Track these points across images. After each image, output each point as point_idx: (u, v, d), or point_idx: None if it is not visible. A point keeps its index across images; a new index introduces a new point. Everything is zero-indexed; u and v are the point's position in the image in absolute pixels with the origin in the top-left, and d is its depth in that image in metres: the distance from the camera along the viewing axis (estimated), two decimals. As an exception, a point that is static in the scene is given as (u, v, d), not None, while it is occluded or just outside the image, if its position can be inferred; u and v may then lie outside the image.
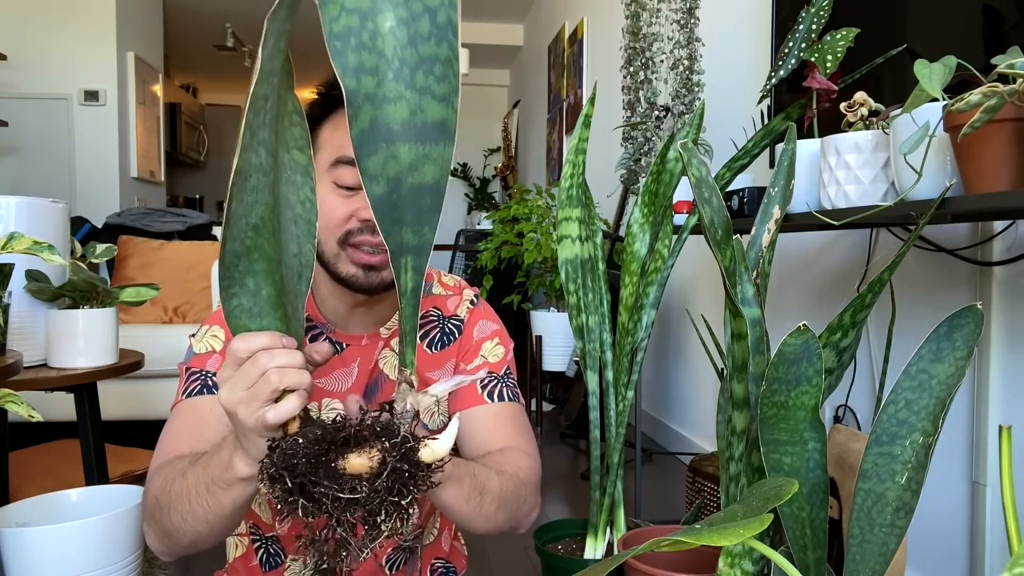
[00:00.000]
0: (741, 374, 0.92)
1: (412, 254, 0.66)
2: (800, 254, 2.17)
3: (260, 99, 0.61)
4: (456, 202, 7.97)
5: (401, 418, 0.66)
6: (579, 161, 1.59)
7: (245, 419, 0.67)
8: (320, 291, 1.05)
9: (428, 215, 0.66)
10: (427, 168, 0.65)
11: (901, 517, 0.73)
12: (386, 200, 0.65)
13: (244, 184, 0.61)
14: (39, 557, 1.23)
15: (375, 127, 0.63)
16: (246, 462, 0.72)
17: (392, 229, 0.65)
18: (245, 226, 0.63)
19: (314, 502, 0.61)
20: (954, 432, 1.57)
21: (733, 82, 2.60)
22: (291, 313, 0.70)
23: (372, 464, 0.61)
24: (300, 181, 0.70)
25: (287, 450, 0.62)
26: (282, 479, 0.61)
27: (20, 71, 4.81)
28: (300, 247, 0.71)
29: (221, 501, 0.76)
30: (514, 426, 1.04)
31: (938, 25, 1.42)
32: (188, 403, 0.98)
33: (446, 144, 0.65)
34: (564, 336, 3.63)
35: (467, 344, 1.09)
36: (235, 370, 0.67)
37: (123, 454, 2.27)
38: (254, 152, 0.62)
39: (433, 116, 0.65)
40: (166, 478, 0.85)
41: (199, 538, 0.82)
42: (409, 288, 0.66)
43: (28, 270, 1.59)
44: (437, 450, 0.64)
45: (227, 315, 0.66)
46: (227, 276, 0.64)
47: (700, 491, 2.05)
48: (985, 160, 0.95)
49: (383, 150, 0.64)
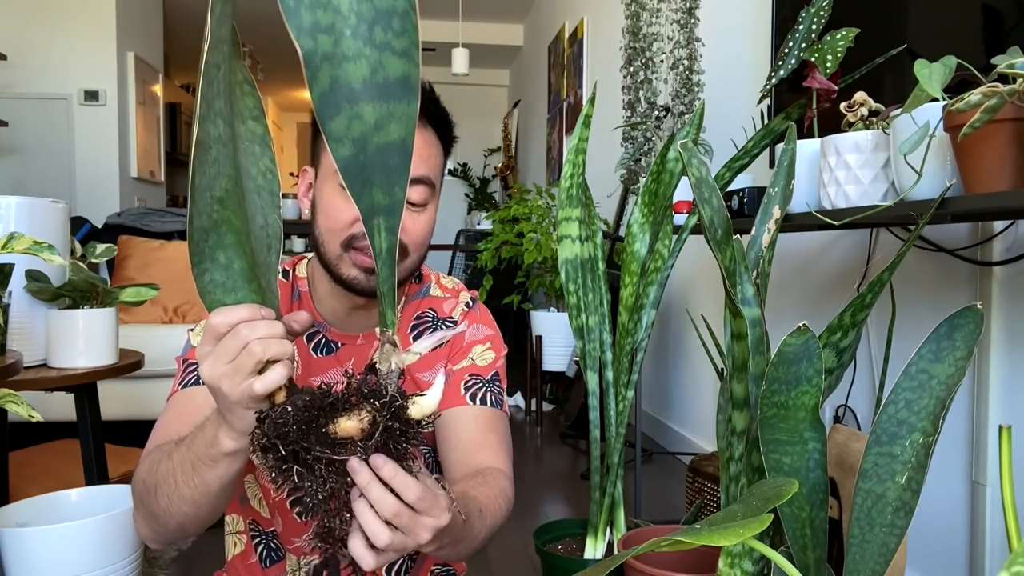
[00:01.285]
0: (741, 374, 0.92)
1: (384, 215, 0.65)
2: (800, 254, 2.17)
3: (213, 68, 0.59)
4: (456, 202, 7.98)
5: (387, 379, 0.66)
6: (579, 161, 1.59)
7: (229, 392, 0.66)
8: (318, 291, 1.05)
9: (397, 174, 0.65)
10: (392, 126, 0.63)
11: (901, 517, 0.73)
12: (353, 162, 0.63)
13: (205, 156, 0.60)
14: (39, 557, 1.23)
15: (336, 87, 0.62)
16: (231, 437, 0.71)
17: (362, 191, 0.64)
18: (210, 199, 0.62)
19: (308, 468, 0.61)
20: (954, 432, 1.57)
21: (733, 82, 2.60)
22: (265, 285, 0.69)
23: (363, 426, 0.61)
24: (259, 152, 0.69)
25: (277, 419, 0.62)
26: (275, 448, 0.61)
27: (20, 71, 4.81)
28: (266, 218, 0.70)
29: (207, 479, 0.76)
30: (495, 436, 1.03)
31: (938, 25, 1.42)
32: (184, 393, 0.98)
33: (410, 101, 0.63)
34: (564, 336, 3.63)
35: (458, 345, 1.08)
36: (215, 345, 0.67)
37: (123, 454, 2.27)
38: (212, 123, 0.61)
39: (395, 72, 0.63)
40: (153, 460, 0.84)
41: (186, 519, 0.81)
42: (384, 249, 0.65)
43: (28, 270, 1.59)
44: (425, 406, 0.64)
45: (201, 291, 0.65)
46: (197, 252, 0.63)
47: (700, 491, 2.05)
48: (985, 160, 0.95)
49: (346, 110, 0.62)
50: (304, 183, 1.03)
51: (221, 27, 0.59)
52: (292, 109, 10.67)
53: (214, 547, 0.92)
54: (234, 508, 1.10)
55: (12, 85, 4.81)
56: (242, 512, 1.09)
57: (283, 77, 8.44)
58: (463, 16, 6.04)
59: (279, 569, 1.08)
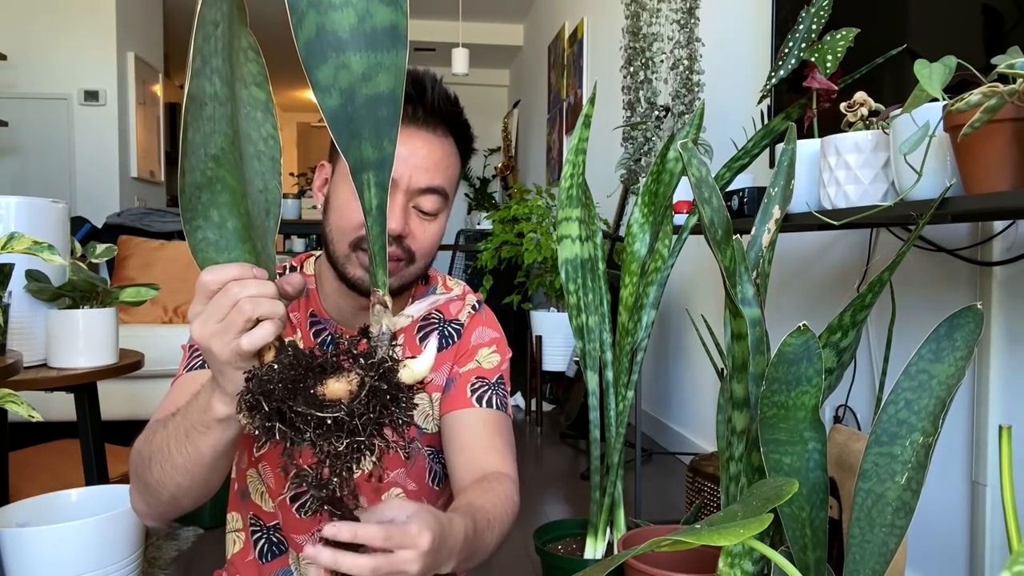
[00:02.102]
0: (741, 374, 0.92)
1: (373, 169, 0.63)
2: (800, 254, 2.17)
3: (210, 24, 0.59)
4: (456, 202, 7.94)
5: (378, 341, 0.64)
6: (579, 161, 1.59)
7: (220, 352, 0.66)
8: (325, 288, 1.05)
9: (386, 127, 0.63)
10: (381, 77, 0.62)
11: (901, 517, 0.73)
12: (341, 113, 0.62)
13: (199, 112, 0.59)
14: (39, 557, 1.23)
15: (322, 35, 0.60)
16: (224, 401, 0.71)
17: (350, 144, 0.62)
18: (204, 156, 0.61)
19: (293, 428, 0.59)
20: (954, 432, 1.57)
21: (733, 82, 2.60)
22: (260, 248, 0.68)
23: (351, 388, 0.59)
24: (261, 118, 0.69)
25: (263, 376, 0.61)
26: (259, 405, 0.59)
27: (20, 71, 4.81)
28: (266, 184, 0.69)
29: (200, 447, 0.75)
30: (500, 439, 1.03)
31: (938, 25, 1.42)
32: (188, 376, 0.98)
33: (399, 51, 0.62)
34: (564, 336, 3.63)
35: (464, 348, 1.08)
36: (206, 304, 0.66)
37: (123, 454, 2.27)
38: (207, 79, 0.60)
39: (383, 21, 0.61)
40: (149, 431, 0.84)
41: (179, 491, 0.80)
42: (374, 206, 0.64)
43: (28, 270, 1.59)
44: (416, 370, 0.63)
45: (193, 249, 0.64)
46: (189, 208, 0.62)
47: (700, 491, 2.06)
48: (985, 160, 0.95)
49: (332, 59, 0.61)
50: (320, 178, 1.03)
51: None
52: (292, 109, 10.66)
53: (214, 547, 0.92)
54: (234, 506, 1.10)
55: (12, 85, 4.82)
56: (242, 508, 1.09)
57: (283, 77, 8.43)
58: (463, 16, 6.04)
59: (279, 565, 1.08)
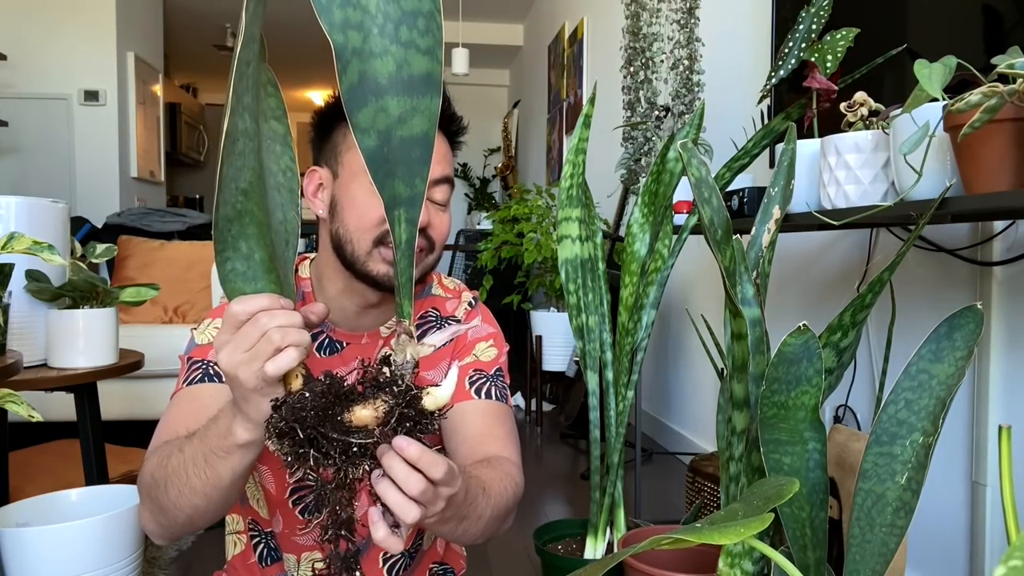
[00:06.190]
0: (741, 374, 0.92)
1: (405, 206, 0.68)
2: (800, 254, 2.17)
3: (244, 64, 0.62)
4: (456, 202, 7.97)
5: (402, 369, 0.67)
6: (579, 161, 1.59)
7: (247, 379, 0.67)
8: (327, 291, 1.05)
9: (418, 167, 0.67)
10: (415, 120, 0.67)
11: (901, 517, 0.73)
12: (378, 153, 0.66)
13: (233, 148, 0.63)
14: (39, 557, 1.23)
15: (363, 81, 0.65)
16: (246, 428, 0.71)
17: (385, 181, 0.67)
18: (235, 190, 0.64)
19: (324, 454, 0.62)
20: (954, 432, 1.57)
21: (733, 82, 2.60)
22: (283, 277, 0.71)
23: (378, 415, 0.63)
24: (279, 151, 0.73)
25: (295, 404, 0.63)
26: (292, 432, 0.62)
27: (20, 71, 4.81)
28: (285, 214, 0.74)
29: (219, 471, 0.76)
30: (502, 428, 1.03)
31: (938, 25, 1.42)
32: (189, 391, 0.98)
33: (433, 96, 0.67)
34: (564, 336, 3.63)
35: (461, 343, 1.09)
36: (234, 333, 0.67)
37: (123, 454, 2.27)
38: (240, 117, 0.63)
39: (419, 69, 0.66)
40: (162, 455, 0.84)
41: (196, 512, 0.81)
42: (404, 240, 0.68)
43: (28, 270, 1.59)
44: (439, 397, 0.66)
45: (222, 279, 0.67)
46: (221, 240, 0.66)
47: (700, 491, 2.06)
48: (985, 160, 0.95)
49: (372, 103, 0.65)
50: (313, 183, 1.02)
51: (253, 25, 0.62)
52: (292, 109, 10.66)
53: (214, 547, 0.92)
54: (235, 508, 1.10)
55: (12, 85, 4.81)
56: (242, 512, 1.10)
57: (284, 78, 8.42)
58: (463, 16, 6.04)
59: (277, 569, 1.08)
